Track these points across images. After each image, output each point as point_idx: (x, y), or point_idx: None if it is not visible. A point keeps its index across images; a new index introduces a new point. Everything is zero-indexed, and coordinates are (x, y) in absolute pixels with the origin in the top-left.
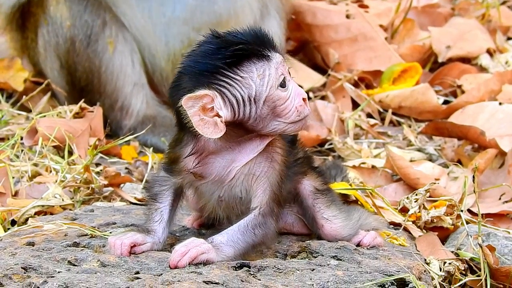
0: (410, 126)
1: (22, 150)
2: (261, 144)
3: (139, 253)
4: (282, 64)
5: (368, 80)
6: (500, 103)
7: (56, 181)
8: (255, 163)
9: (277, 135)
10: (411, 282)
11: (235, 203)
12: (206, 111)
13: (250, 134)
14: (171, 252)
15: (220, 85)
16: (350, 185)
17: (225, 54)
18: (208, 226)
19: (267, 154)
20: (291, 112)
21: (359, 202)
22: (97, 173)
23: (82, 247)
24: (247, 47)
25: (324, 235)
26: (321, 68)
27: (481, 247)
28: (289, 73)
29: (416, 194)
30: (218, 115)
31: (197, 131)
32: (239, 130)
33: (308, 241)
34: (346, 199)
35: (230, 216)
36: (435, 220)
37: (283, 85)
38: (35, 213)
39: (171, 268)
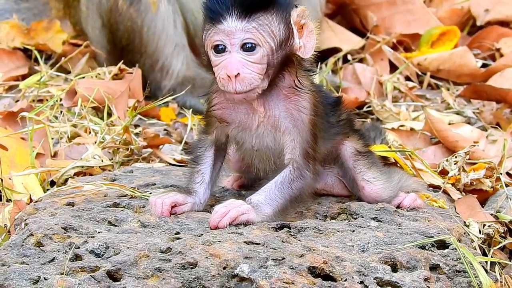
0: (448, 89)
1: (61, 111)
2: (277, 99)
3: (179, 214)
4: (227, 34)
5: (406, 43)
6: None
7: (95, 142)
8: (280, 117)
9: (294, 93)
10: (451, 244)
11: (268, 153)
12: None
13: None
14: (211, 213)
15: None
16: (389, 147)
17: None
18: (248, 187)
19: (292, 111)
20: (217, 78)
21: (398, 165)
22: (136, 134)
23: (122, 207)
24: (209, 4)
25: (364, 197)
26: (359, 31)
27: None
28: (245, 47)
29: (456, 157)
30: None
31: None
32: None
33: (348, 203)
34: (385, 162)
35: (266, 169)
36: (474, 183)
37: (216, 50)
38: (75, 174)
39: (211, 229)
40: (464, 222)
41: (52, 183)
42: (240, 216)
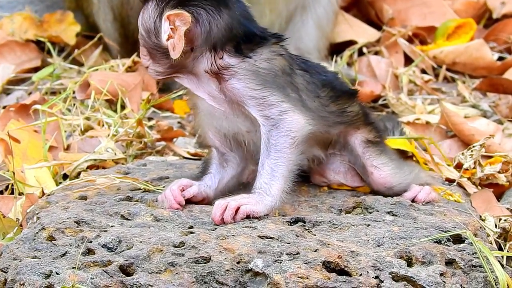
0: (464, 82)
1: (74, 104)
2: (207, 83)
3: (189, 196)
4: None
5: (422, 36)
6: None
7: (108, 135)
8: (221, 97)
9: (217, 74)
10: (467, 239)
11: (247, 132)
12: None
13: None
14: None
15: None
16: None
17: None
18: None
19: (224, 90)
20: None
21: (414, 158)
22: (150, 127)
23: (135, 201)
24: None
25: (373, 182)
26: (374, 23)
27: None
28: None
29: (472, 150)
30: None
31: None
32: None
33: (363, 197)
34: (402, 156)
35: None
36: (490, 178)
37: None
38: (87, 167)
39: (216, 224)
40: (480, 216)
41: (65, 176)
42: (242, 207)
